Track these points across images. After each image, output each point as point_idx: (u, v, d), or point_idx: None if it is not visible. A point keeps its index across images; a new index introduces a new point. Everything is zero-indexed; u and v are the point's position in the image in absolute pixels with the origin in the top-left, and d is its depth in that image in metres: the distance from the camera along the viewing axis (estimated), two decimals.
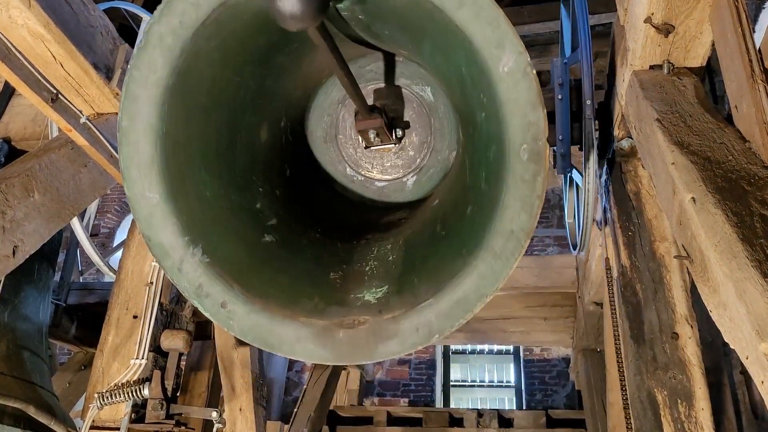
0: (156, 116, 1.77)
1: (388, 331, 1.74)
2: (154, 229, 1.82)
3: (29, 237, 2.57)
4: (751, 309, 1.42)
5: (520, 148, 1.59)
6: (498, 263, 1.64)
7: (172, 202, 1.82)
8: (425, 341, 1.70)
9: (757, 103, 1.78)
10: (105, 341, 3.21)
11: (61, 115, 2.63)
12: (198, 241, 1.84)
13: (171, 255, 1.83)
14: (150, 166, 1.79)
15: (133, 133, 1.78)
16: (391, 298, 1.84)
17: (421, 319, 1.71)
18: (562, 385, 9.17)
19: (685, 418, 2.13)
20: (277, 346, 1.79)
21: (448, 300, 1.70)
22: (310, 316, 1.81)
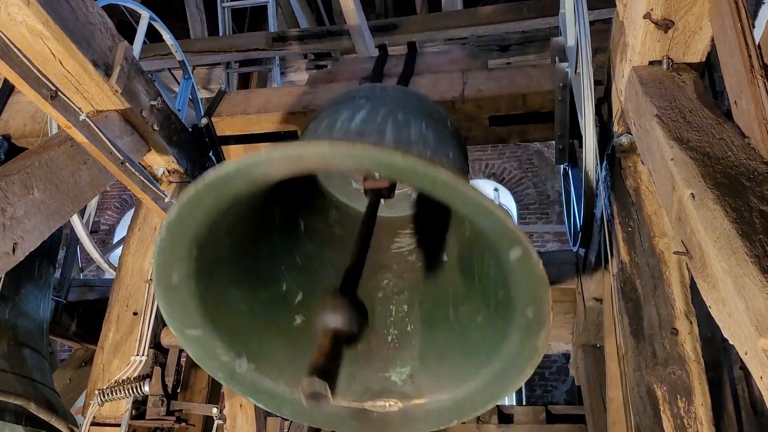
0: (186, 274, 1.86)
1: (415, 414, 1.98)
2: (203, 361, 1.97)
3: (29, 234, 2.56)
4: (750, 305, 1.42)
5: (526, 309, 1.70)
6: (506, 386, 1.84)
7: (214, 332, 1.95)
8: (447, 424, 1.94)
9: (757, 99, 1.78)
10: (105, 338, 3.21)
11: (61, 113, 2.62)
12: (242, 354, 2.00)
13: (222, 371, 1.98)
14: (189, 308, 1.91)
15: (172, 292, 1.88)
16: (415, 380, 2.05)
17: (443, 408, 1.95)
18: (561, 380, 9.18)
19: (685, 414, 2.13)
20: (322, 422, 2.06)
21: (465, 394, 1.92)
22: (350, 400, 2.02)
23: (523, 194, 10.86)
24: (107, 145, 2.74)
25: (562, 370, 9.19)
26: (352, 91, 2.69)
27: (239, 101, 3.58)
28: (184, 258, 1.81)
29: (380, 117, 2.29)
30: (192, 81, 4.57)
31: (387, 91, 2.66)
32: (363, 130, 2.20)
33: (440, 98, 3.18)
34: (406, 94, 2.68)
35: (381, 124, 2.22)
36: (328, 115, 2.52)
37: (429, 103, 2.70)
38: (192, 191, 1.63)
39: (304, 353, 2.06)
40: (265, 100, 3.53)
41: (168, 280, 1.83)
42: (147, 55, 6.13)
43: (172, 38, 4.42)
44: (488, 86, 3.24)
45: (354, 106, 2.44)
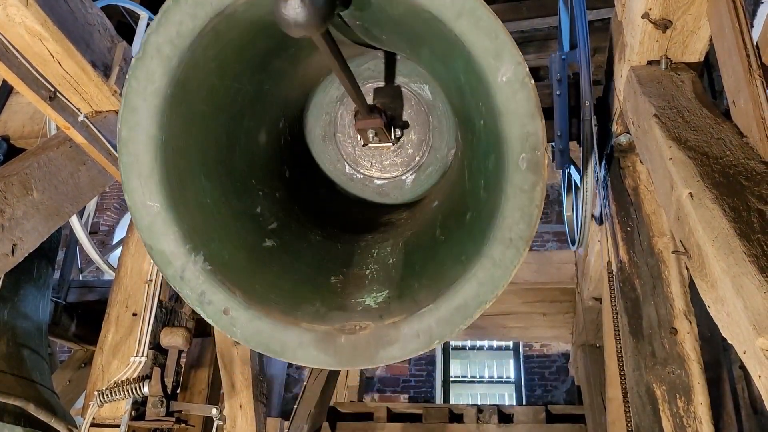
0: (155, 126, 1.78)
1: (389, 336, 1.77)
2: (155, 237, 1.83)
3: (28, 235, 2.57)
4: (749, 304, 1.43)
5: (519, 158, 1.61)
6: (497, 271, 1.67)
7: (173, 211, 1.83)
8: (426, 347, 1.74)
9: (755, 98, 1.78)
10: (105, 339, 3.21)
11: (60, 114, 2.63)
12: (199, 249, 1.86)
13: (173, 263, 1.84)
14: (150, 175, 1.80)
15: (133, 144, 1.79)
16: (392, 303, 1.86)
17: (422, 325, 1.74)
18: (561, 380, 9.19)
19: (684, 413, 2.13)
20: (280, 352, 1.81)
21: (447, 306, 1.72)
22: (312, 321, 1.83)
23: None
24: (106, 145, 2.74)
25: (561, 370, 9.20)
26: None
27: None
28: (158, 94, 1.74)
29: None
30: None
31: None
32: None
33: None
34: None
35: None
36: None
37: None
38: (169, 2, 1.62)
39: (269, 276, 1.98)
40: None
41: (134, 115, 1.76)
42: None
43: None
44: None
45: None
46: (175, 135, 1.82)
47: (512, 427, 5.85)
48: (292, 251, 2.17)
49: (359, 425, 6.07)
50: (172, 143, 1.82)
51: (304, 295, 1.97)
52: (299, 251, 2.19)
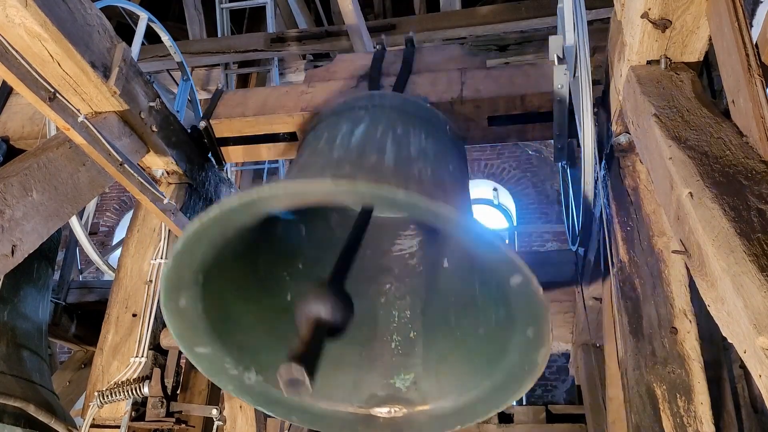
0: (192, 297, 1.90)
1: (419, 419, 2.04)
2: (213, 376, 2.02)
3: (28, 236, 2.56)
4: (749, 303, 1.43)
5: (527, 329, 1.75)
6: (509, 395, 1.89)
7: (222, 347, 1.99)
8: (451, 428, 2.00)
9: (754, 98, 1.78)
10: (105, 340, 3.21)
11: (59, 114, 2.62)
12: (250, 366, 2.04)
13: (231, 384, 2.03)
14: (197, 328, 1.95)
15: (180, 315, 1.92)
16: (419, 387, 2.10)
17: (446, 414, 2.01)
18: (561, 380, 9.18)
19: (684, 413, 2.13)
20: (329, 428, 2.10)
21: (467, 401, 1.98)
22: (356, 406, 2.09)
23: (522, 194, 10.85)
24: (106, 146, 2.74)
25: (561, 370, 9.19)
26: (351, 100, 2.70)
27: (237, 102, 3.58)
28: (191, 284, 1.85)
29: (379, 132, 2.31)
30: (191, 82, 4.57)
31: (385, 100, 2.68)
32: (363, 146, 2.21)
33: (438, 99, 3.18)
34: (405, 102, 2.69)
35: (380, 140, 2.24)
36: (327, 127, 2.54)
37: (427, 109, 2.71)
38: (197, 224, 1.66)
39: None
40: (263, 100, 3.53)
41: (176, 304, 1.87)
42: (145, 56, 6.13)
43: (170, 39, 4.42)
44: (487, 86, 3.24)
45: (353, 119, 2.46)
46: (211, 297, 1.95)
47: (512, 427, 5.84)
48: None
49: None
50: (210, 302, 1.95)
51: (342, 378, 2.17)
52: None
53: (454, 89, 3.25)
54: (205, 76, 6.89)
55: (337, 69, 3.65)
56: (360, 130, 2.33)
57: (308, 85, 3.55)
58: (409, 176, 1.99)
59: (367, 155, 2.13)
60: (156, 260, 3.35)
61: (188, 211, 3.56)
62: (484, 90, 3.22)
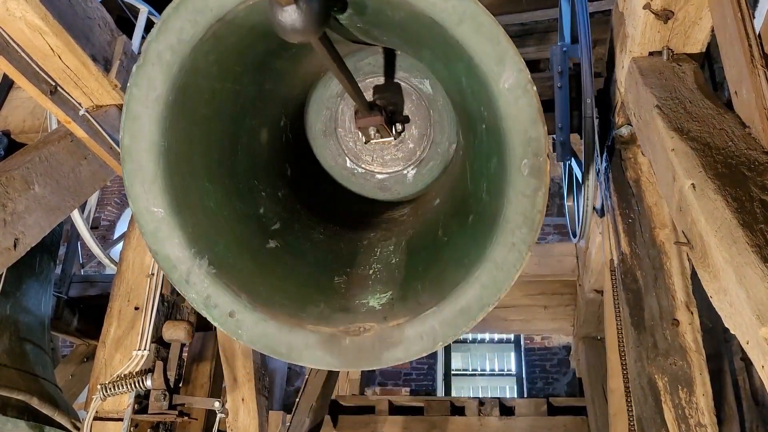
0: (157, 133, 1.79)
1: (393, 338, 1.79)
2: (160, 242, 1.85)
3: (30, 229, 2.57)
4: (752, 294, 1.43)
5: (521, 163, 1.62)
6: (500, 274, 1.69)
7: (177, 216, 1.85)
8: (429, 349, 1.76)
9: (757, 89, 1.78)
10: (107, 333, 3.22)
11: (60, 108, 2.62)
12: (204, 253, 1.87)
13: (178, 267, 1.86)
14: (153, 181, 1.82)
15: (136, 151, 1.80)
16: (396, 304, 1.88)
17: (425, 327, 1.76)
18: (563, 372, 9.20)
19: (686, 404, 2.14)
20: (286, 354, 1.84)
21: (451, 309, 1.74)
22: (317, 323, 1.85)
23: None
24: (107, 139, 2.74)
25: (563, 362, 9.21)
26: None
27: None
28: (159, 101, 1.75)
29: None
30: None
31: None
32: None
33: None
34: None
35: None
36: None
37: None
38: (169, 9, 1.62)
39: (273, 278, 2.00)
40: None
41: (136, 122, 1.76)
42: None
43: None
44: None
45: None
46: (178, 140, 1.83)
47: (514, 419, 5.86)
48: (296, 252, 2.18)
49: (361, 418, 6.09)
50: (175, 149, 1.83)
51: (308, 296, 1.98)
52: (303, 252, 2.20)
53: None
54: None
55: None
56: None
57: None
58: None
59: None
60: None
61: None
62: None
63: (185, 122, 1.84)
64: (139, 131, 1.78)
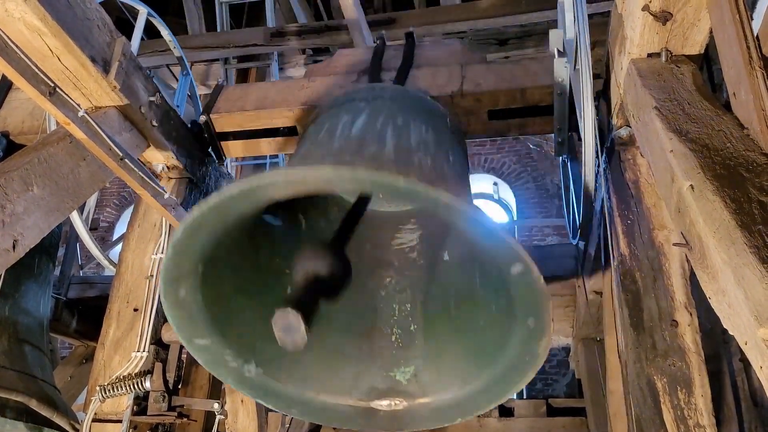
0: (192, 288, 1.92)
1: (420, 412, 2.05)
2: (213, 368, 2.04)
3: (29, 231, 2.56)
4: (750, 295, 1.43)
5: (527, 319, 1.76)
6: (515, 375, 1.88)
7: (224, 342, 2.01)
8: (451, 421, 2.02)
9: (755, 90, 1.78)
10: (106, 334, 3.22)
11: (59, 109, 2.62)
12: (250, 359, 2.05)
13: (231, 376, 2.04)
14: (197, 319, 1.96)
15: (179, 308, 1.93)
16: (419, 380, 2.11)
17: (447, 406, 2.03)
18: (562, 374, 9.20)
19: (685, 405, 2.14)
20: (331, 422, 2.14)
21: (467, 394, 2.00)
22: (357, 399, 2.10)
23: (523, 188, 10.85)
24: (106, 141, 2.74)
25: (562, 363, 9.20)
26: (351, 92, 2.70)
27: (237, 96, 3.58)
28: (190, 274, 1.86)
29: (380, 122, 2.31)
30: (190, 77, 4.57)
31: (386, 92, 2.67)
32: (363, 137, 2.21)
33: (439, 93, 3.18)
34: (405, 94, 2.69)
35: (381, 130, 2.23)
36: (327, 118, 2.54)
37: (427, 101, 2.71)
38: (196, 213, 1.66)
39: (310, 356, 2.12)
40: (263, 95, 3.52)
41: (176, 295, 1.88)
42: (145, 51, 6.12)
43: (170, 34, 4.42)
44: (487, 80, 3.24)
45: (353, 110, 2.46)
46: (212, 281, 1.97)
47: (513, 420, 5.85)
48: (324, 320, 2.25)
49: None
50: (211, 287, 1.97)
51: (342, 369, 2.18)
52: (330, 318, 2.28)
53: (455, 83, 3.25)
54: (205, 71, 6.88)
55: (337, 63, 3.65)
56: (360, 121, 2.33)
57: (308, 79, 3.55)
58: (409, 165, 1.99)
59: (368, 145, 2.13)
60: (157, 255, 3.36)
61: (189, 205, 3.56)
62: (484, 84, 3.22)
63: (216, 274, 1.98)
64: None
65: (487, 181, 11.14)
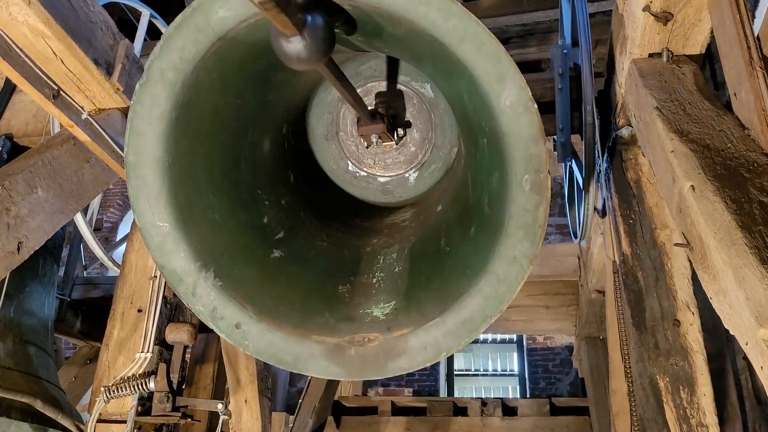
0: (161, 149, 1.81)
1: (397, 348, 1.82)
2: (166, 256, 1.87)
3: (34, 233, 2.58)
4: (750, 295, 1.43)
5: (522, 179, 1.65)
6: (502, 287, 1.72)
7: (182, 230, 1.87)
8: (433, 359, 1.80)
9: (756, 91, 1.78)
10: (110, 335, 3.23)
11: (63, 111, 2.63)
12: (210, 265, 1.90)
13: (184, 280, 1.88)
14: (158, 196, 1.84)
15: (140, 167, 1.82)
16: (399, 314, 1.91)
17: (429, 338, 1.80)
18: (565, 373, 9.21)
19: (687, 404, 2.14)
20: (292, 364, 1.86)
21: (454, 320, 1.77)
22: (322, 333, 1.88)
23: None
24: (110, 143, 2.75)
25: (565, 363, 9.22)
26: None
27: None
28: (163, 118, 1.77)
29: None
30: None
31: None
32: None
33: None
34: None
35: None
36: None
37: None
38: (171, 29, 1.63)
39: (278, 289, 2.02)
40: None
41: (140, 139, 1.79)
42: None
43: None
44: None
45: None
46: (181, 156, 1.85)
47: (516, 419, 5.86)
48: (300, 261, 2.19)
49: (364, 419, 6.10)
50: (179, 164, 1.85)
51: (313, 306, 2.01)
52: (306, 260, 2.22)
53: None
54: None
55: None
56: None
57: None
58: None
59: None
60: None
61: None
62: None
63: (188, 138, 1.86)
64: (143, 147, 1.80)
65: None
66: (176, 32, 1.73)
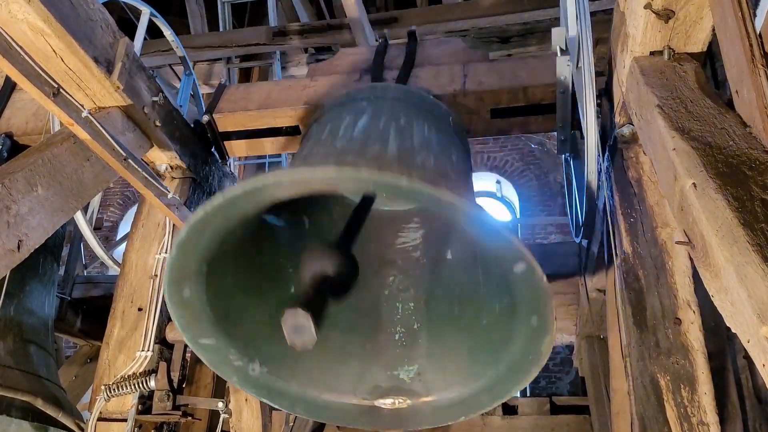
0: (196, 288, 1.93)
1: (424, 410, 2.07)
2: (217, 367, 2.06)
3: (34, 231, 2.57)
4: (752, 293, 1.43)
5: (530, 317, 1.76)
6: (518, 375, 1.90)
7: (226, 339, 2.02)
8: (455, 419, 2.04)
9: (758, 88, 1.78)
10: (110, 334, 3.23)
11: (63, 110, 2.62)
12: (254, 358, 2.07)
13: (236, 375, 2.06)
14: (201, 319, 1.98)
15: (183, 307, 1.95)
16: (423, 378, 2.13)
17: (454, 402, 2.04)
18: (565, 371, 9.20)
19: (688, 403, 2.14)
20: (335, 420, 2.18)
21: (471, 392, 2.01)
22: (360, 398, 2.12)
23: (526, 186, 10.84)
24: (110, 141, 2.74)
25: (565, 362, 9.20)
26: (354, 91, 2.70)
27: (240, 96, 3.58)
28: (194, 274, 1.87)
29: (382, 122, 2.31)
30: (193, 77, 4.57)
31: (388, 92, 2.67)
32: (366, 137, 2.21)
33: (441, 92, 3.17)
34: (407, 94, 2.69)
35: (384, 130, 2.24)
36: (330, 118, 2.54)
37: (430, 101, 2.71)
38: (200, 214, 1.67)
39: (314, 354, 2.12)
40: (266, 94, 3.53)
41: (180, 295, 1.89)
42: (148, 51, 6.14)
43: (172, 34, 4.42)
44: (489, 79, 3.24)
45: (356, 110, 2.47)
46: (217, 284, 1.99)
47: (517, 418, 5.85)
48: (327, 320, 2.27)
49: None
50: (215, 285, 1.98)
51: (345, 372, 2.19)
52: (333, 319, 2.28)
53: (457, 82, 3.25)
54: (207, 70, 6.89)
55: (339, 63, 3.65)
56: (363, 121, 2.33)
57: (311, 78, 3.55)
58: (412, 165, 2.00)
59: (370, 145, 2.13)
60: (161, 255, 3.37)
61: (192, 205, 3.57)
62: (486, 82, 3.22)
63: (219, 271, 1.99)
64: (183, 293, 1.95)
65: (489, 179, 11.14)
66: None
